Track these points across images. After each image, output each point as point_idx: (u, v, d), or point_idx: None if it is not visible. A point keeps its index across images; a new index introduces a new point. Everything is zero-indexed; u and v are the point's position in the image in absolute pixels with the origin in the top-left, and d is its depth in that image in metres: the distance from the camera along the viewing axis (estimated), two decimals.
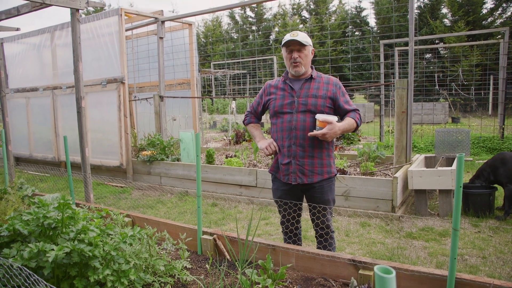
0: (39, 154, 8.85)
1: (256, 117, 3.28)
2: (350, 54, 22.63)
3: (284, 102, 2.95)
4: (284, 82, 3.03)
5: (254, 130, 3.27)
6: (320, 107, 2.89)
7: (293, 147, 2.91)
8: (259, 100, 3.20)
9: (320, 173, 2.94)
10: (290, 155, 2.93)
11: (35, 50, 8.74)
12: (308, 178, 2.94)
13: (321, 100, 2.90)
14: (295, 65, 2.92)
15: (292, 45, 2.91)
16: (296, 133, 2.90)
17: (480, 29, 18.56)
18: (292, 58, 2.92)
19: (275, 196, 3.15)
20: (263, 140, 3.13)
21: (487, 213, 4.66)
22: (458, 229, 2.24)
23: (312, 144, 2.90)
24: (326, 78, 3.01)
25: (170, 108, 8.52)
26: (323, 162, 2.95)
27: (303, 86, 2.96)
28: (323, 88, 2.94)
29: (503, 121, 8.97)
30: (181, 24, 8.43)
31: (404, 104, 5.19)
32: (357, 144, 9.43)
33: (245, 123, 3.33)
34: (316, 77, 3.00)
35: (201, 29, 30.30)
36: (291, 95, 2.95)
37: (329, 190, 3.03)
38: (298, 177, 2.94)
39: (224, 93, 21.12)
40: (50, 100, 8.30)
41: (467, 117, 16.35)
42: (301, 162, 2.92)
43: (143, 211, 5.44)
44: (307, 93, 2.92)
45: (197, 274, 2.78)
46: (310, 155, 2.92)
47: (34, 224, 2.28)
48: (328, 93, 2.93)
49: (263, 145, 3.06)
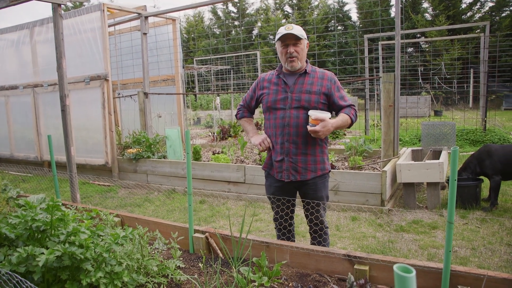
0: (21, 154, 8.63)
1: (249, 111, 3.21)
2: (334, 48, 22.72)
3: (278, 97, 2.88)
4: (277, 76, 2.95)
5: (247, 124, 3.20)
6: (314, 103, 2.82)
7: (286, 144, 2.86)
8: (252, 94, 3.11)
9: (313, 170, 2.90)
10: (283, 152, 2.88)
11: (14, 46, 8.49)
12: (301, 176, 2.89)
13: (315, 96, 2.82)
14: (291, 60, 2.83)
15: (288, 39, 2.81)
16: (289, 130, 2.83)
17: (460, 23, 18.85)
18: (288, 53, 2.82)
19: (268, 192, 3.11)
20: (256, 136, 3.07)
21: (474, 205, 4.73)
22: (453, 222, 2.25)
23: (305, 141, 2.84)
24: (321, 73, 2.93)
25: (155, 105, 8.40)
26: (316, 159, 2.90)
27: (297, 81, 2.87)
28: (317, 84, 2.86)
29: (485, 113, 9.13)
30: (165, 20, 8.30)
31: (391, 98, 5.21)
32: (342, 139, 9.48)
33: (238, 117, 3.25)
34: (311, 71, 2.92)
35: (183, 24, 30.00)
36: (285, 91, 2.87)
37: (322, 187, 2.98)
38: (291, 174, 2.89)
39: (207, 89, 20.97)
40: (31, 98, 8.08)
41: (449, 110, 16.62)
42: (294, 159, 2.87)
43: (130, 210, 5.36)
44: (300, 89, 2.84)
45: (190, 273, 2.74)
46: (304, 152, 2.86)
47: (22, 228, 2.20)
48: (323, 89, 2.85)
49: (256, 140, 3.00)
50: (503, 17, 19.94)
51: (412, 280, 0.78)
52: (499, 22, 19.71)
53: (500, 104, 17.54)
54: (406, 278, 0.77)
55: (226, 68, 19.73)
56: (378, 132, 10.03)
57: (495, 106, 16.62)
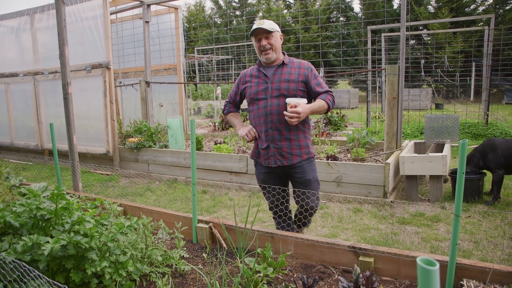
0: (21, 142, 8.59)
1: (235, 106, 3.39)
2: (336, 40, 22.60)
3: (259, 88, 3.06)
4: (258, 70, 3.13)
5: (234, 119, 3.38)
6: (293, 91, 2.99)
7: (270, 131, 3.03)
8: (236, 89, 3.29)
9: (299, 155, 3.06)
10: (268, 139, 3.05)
11: (14, 33, 8.40)
12: (287, 160, 3.05)
13: (294, 84, 3.00)
14: (265, 52, 3.01)
15: (260, 34, 3.00)
16: (272, 118, 3.00)
17: (463, 16, 18.71)
18: (261, 46, 3.01)
19: (259, 180, 3.26)
20: (243, 128, 3.23)
21: (476, 198, 4.72)
22: (459, 215, 2.24)
23: (288, 127, 3.00)
24: (297, 63, 3.10)
25: (157, 94, 8.36)
26: (300, 143, 3.06)
27: (275, 72, 3.06)
28: (295, 73, 3.04)
29: (487, 107, 9.09)
30: (167, 8, 8.22)
31: (395, 90, 5.18)
32: (343, 130, 9.46)
33: (225, 113, 3.44)
34: (288, 62, 3.09)
35: (184, 13, 29.78)
36: (265, 82, 3.05)
37: (310, 170, 3.11)
38: (278, 159, 3.05)
39: (208, 78, 20.88)
40: (32, 86, 8.03)
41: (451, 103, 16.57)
42: (279, 145, 3.03)
43: (132, 199, 5.35)
44: (280, 79, 3.02)
45: (194, 263, 2.73)
46: (287, 138, 3.02)
47: (26, 216, 2.18)
48: (300, 77, 3.02)
49: (243, 132, 3.16)
50: (507, 10, 19.79)
51: (436, 273, 0.76)
52: (502, 15, 19.56)
53: (501, 98, 17.48)
54: (430, 271, 0.75)
55: (227, 58, 19.61)
56: (380, 124, 10.00)
57: (496, 100, 16.56)
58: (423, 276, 0.77)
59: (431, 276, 0.75)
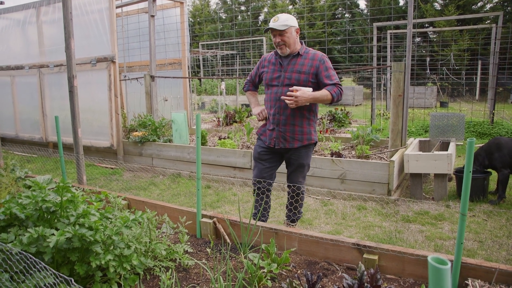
0: (26, 135, 8.62)
1: (253, 86, 3.68)
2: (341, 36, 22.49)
3: (274, 75, 3.33)
4: (275, 57, 3.38)
5: (251, 97, 3.70)
6: (303, 82, 3.21)
7: (277, 116, 3.30)
8: (256, 71, 3.58)
9: (300, 140, 3.32)
10: (275, 123, 3.32)
11: (19, 26, 8.41)
12: (289, 144, 3.32)
13: (304, 76, 3.21)
14: (279, 48, 3.26)
15: (273, 31, 3.21)
16: (280, 104, 3.26)
17: (470, 13, 18.56)
18: (275, 42, 3.25)
19: (255, 152, 3.51)
20: (257, 107, 3.54)
21: (481, 197, 4.70)
22: (466, 214, 2.22)
23: (293, 114, 3.25)
24: (312, 54, 3.28)
25: (161, 88, 8.35)
26: (303, 130, 3.31)
27: (290, 62, 3.28)
28: (307, 64, 3.23)
29: (493, 106, 9.03)
30: (173, 3, 8.20)
31: (401, 87, 5.15)
32: (348, 127, 9.43)
33: (244, 90, 3.74)
34: (303, 53, 3.29)
35: (189, 8, 29.71)
36: (280, 70, 3.30)
37: (305, 155, 3.39)
38: (280, 142, 3.32)
39: (212, 73, 20.85)
40: (37, 78, 8.04)
41: (456, 102, 16.48)
42: (283, 129, 3.29)
43: (135, 193, 5.36)
44: (292, 69, 3.25)
45: (198, 258, 2.73)
46: (292, 123, 3.28)
47: (32, 208, 2.19)
48: (312, 69, 3.22)
49: (256, 111, 3.49)
50: None
51: (448, 272, 0.75)
52: (511, 12, 19.40)
53: (507, 97, 17.36)
54: (442, 270, 0.74)
55: (232, 53, 19.57)
56: (384, 122, 9.97)
57: (502, 98, 16.43)
58: (435, 275, 0.76)
59: (442, 275, 0.75)
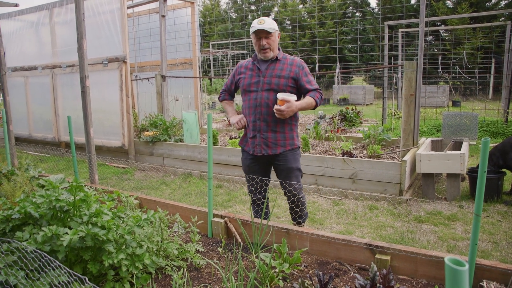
0: (39, 134, 8.73)
1: (229, 94, 3.57)
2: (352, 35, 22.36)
3: (252, 81, 3.25)
4: (253, 63, 3.31)
5: (228, 106, 3.59)
6: (283, 86, 3.17)
7: (258, 122, 3.22)
8: (232, 79, 3.48)
9: (283, 145, 3.25)
10: (256, 129, 3.24)
11: (33, 27, 8.52)
12: (272, 150, 3.24)
13: (284, 80, 3.17)
14: (264, 51, 3.19)
15: (260, 33, 3.15)
16: (261, 110, 3.19)
17: (484, 10, 18.31)
18: (261, 45, 3.17)
19: (244, 166, 3.45)
20: (234, 116, 3.42)
21: (495, 198, 4.63)
22: (480, 214, 2.19)
23: (275, 120, 3.18)
24: (290, 60, 3.28)
25: (172, 88, 8.38)
26: (285, 135, 3.25)
27: (268, 66, 3.24)
28: (286, 69, 3.21)
29: (507, 105, 8.90)
30: (184, 3, 8.23)
31: (413, 86, 5.11)
32: (359, 127, 9.37)
33: (220, 99, 3.64)
34: (282, 58, 3.27)
35: (199, 8, 29.79)
36: (258, 75, 3.24)
37: (292, 159, 3.30)
38: (263, 149, 3.25)
39: (223, 73, 20.88)
40: (50, 79, 8.14)
41: (468, 101, 16.27)
42: (265, 135, 3.22)
43: (147, 192, 5.39)
44: (271, 73, 3.21)
45: (210, 257, 2.74)
46: (273, 130, 3.22)
47: (46, 207, 2.21)
48: (291, 74, 3.20)
49: (234, 120, 3.36)
50: None
51: (465, 273, 0.74)
52: None
53: None
54: (460, 271, 0.73)
55: (242, 52, 19.58)
56: (396, 121, 9.88)
57: None
58: (452, 276, 0.75)
59: (460, 277, 0.73)
